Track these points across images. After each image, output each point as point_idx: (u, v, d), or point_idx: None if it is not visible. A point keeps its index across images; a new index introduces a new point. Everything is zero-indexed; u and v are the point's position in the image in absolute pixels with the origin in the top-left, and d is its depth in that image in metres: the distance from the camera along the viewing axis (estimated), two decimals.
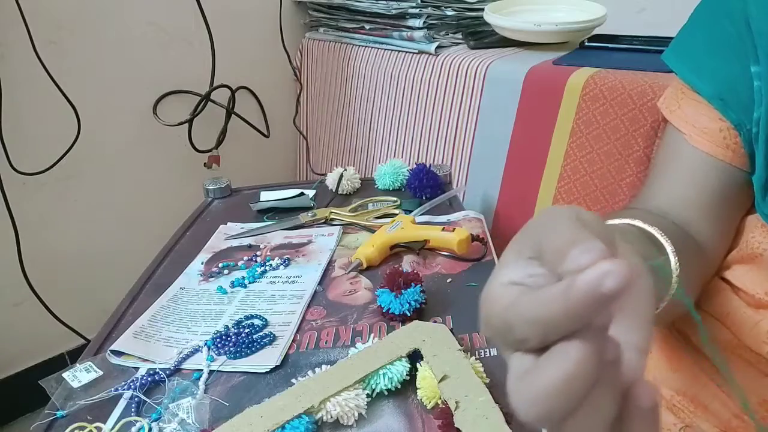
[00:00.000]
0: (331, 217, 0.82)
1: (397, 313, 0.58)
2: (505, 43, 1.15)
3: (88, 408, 0.51)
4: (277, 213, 0.85)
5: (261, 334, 0.58)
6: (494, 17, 1.11)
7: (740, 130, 0.46)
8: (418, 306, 0.58)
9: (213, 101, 1.33)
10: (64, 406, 0.51)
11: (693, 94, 0.49)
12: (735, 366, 0.52)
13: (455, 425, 0.44)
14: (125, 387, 0.52)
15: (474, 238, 0.70)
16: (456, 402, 0.44)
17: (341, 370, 0.50)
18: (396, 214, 0.77)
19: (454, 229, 0.69)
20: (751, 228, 0.51)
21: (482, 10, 1.17)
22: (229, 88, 1.36)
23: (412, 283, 0.58)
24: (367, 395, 0.49)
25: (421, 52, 1.19)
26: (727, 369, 0.34)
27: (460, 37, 1.21)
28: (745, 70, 0.45)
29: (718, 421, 0.51)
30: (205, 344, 0.57)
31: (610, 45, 1.07)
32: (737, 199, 0.50)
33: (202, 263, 0.73)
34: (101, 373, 0.54)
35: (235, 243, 0.78)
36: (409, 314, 0.58)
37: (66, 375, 0.53)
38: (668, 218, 0.51)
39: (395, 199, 0.85)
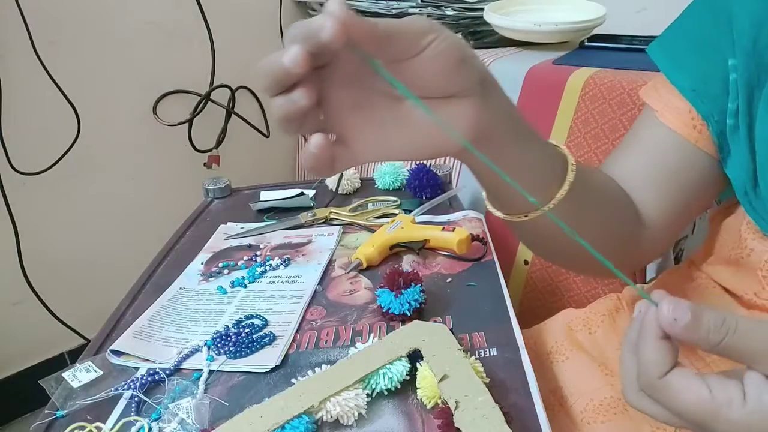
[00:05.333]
0: (331, 216, 0.82)
1: (397, 313, 0.58)
2: (505, 42, 1.15)
3: (88, 408, 0.51)
4: (277, 213, 0.85)
5: (261, 333, 0.58)
6: (494, 17, 1.11)
7: (709, 121, 0.48)
8: (418, 306, 0.58)
9: (213, 101, 1.33)
10: (64, 406, 0.51)
11: (671, 85, 0.51)
12: (728, 366, 0.52)
13: (455, 425, 0.44)
14: (125, 387, 0.52)
15: (474, 238, 0.70)
16: (456, 402, 0.44)
17: (341, 370, 0.50)
18: (396, 214, 0.77)
19: (454, 229, 0.69)
20: (736, 228, 0.52)
21: (482, 10, 1.17)
22: (229, 88, 1.36)
23: (412, 283, 0.58)
24: (367, 395, 0.49)
25: None
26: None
27: (460, 36, 1.21)
28: (721, 63, 0.47)
29: None
30: (205, 344, 0.57)
31: (610, 45, 1.07)
32: (693, 181, 0.51)
33: (202, 263, 0.73)
34: (101, 373, 0.54)
35: (235, 243, 0.78)
36: (409, 314, 0.58)
37: (66, 375, 0.53)
38: (616, 182, 0.53)
39: (395, 199, 0.85)
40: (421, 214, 0.80)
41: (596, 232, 0.49)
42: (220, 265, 0.72)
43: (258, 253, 0.74)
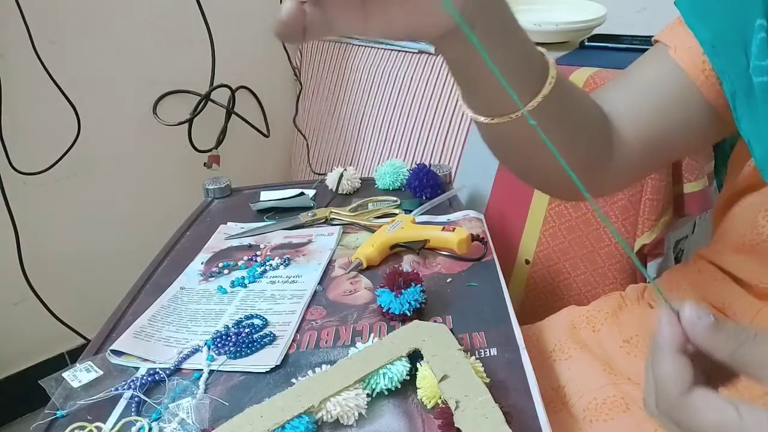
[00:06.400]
0: (331, 216, 0.82)
1: (397, 313, 0.58)
2: None
3: (88, 408, 0.51)
4: (277, 213, 0.85)
5: (261, 333, 0.58)
6: None
7: (723, 79, 0.47)
8: (418, 306, 0.58)
9: (213, 101, 1.33)
10: (64, 406, 0.51)
11: (689, 30, 0.50)
12: (761, 393, 0.51)
13: (455, 425, 0.44)
14: (125, 387, 0.52)
15: (474, 237, 0.70)
16: (456, 402, 0.44)
17: (341, 370, 0.50)
18: (396, 214, 0.77)
19: (454, 228, 0.69)
20: (751, 216, 0.52)
21: None
22: (229, 88, 1.36)
23: (412, 283, 0.58)
24: (367, 395, 0.49)
25: (421, 52, 1.19)
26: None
27: None
28: (747, 23, 0.46)
29: None
30: (205, 344, 0.57)
31: (610, 45, 1.07)
32: (681, 122, 0.51)
33: (202, 263, 0.73)
34: (101, 373, 0.54)
35: (235, 243, 0.78)
36: (409, 314, 0.58)
37: (66, 375, 0.53)
38: (595, 104, 0.51)
39: (395, 199, 0.85)
40: (421, 214, 0.80)
41: (562, 148, 0.49)
42: (220, 265, 0.72)
43: (258, 253, 0.74)
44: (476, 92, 0.45)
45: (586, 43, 1.10)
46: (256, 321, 0.60)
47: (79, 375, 0.53)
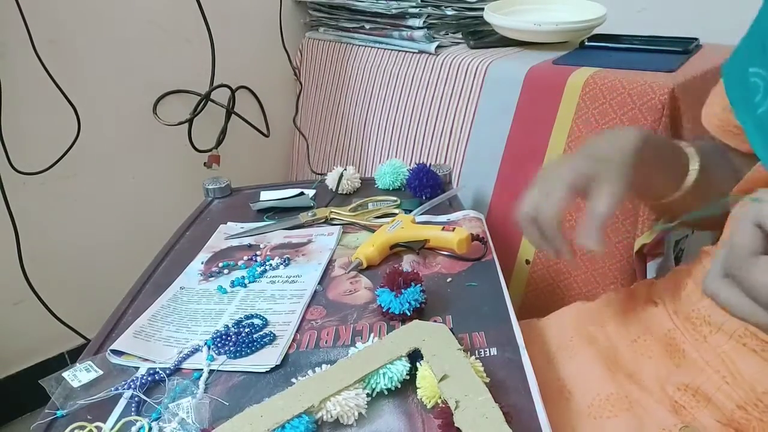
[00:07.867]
0: (331, 216, 0.82)
1: (397, 313, 0.58)
2: (505, 42, 1.15)
3: (88, 408, 0.51)
4: (277, 213, 0.85)
5: (261, 333, 0.58)
6: (494, 17, 1.11)
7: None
8: (418, 306, 0.58)
9: (213, 101, 1.33)
10: (64, 406, 0.51)
11: None
12: (741, 356, 0.52)
13: (455, 425, 0.44)
14: (125, 387, 0.52)
15: (474, 237, 0.70)
16: (456, 401, 0.44)
17: (341, 370, 0.50)
18: (396, 214, 0.77)
19: (454, 228, 0.69)
20: None
21: (482, 9, 1.17)
22: (229, 87, 1.36)
23: (412, 283, 0.58)
24: (367, 395, 0.49)
25: (421, 52, 1.19)
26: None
27: (460, 36, 1.21)
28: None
29: (721, 414, 0.51)
30: (205, 344, 0.57)
31: (610, 45, 1.07)
32: None
33: (202, 263, 0.73)
34: (101, 372, 0.54)
35: (235, 243, 0.78)
36: (409, 314, 0.58)
37: (66, 375, 0.53)
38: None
39: (395, 198, 0.85)
40: (421, 214, 0.80)
41: (725, 187, 0.58)
42: (220, 264, 0.72)
43: (258, 252, 0.74)
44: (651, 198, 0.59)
45: (586, 43, 1.10)
46: (256, 321, 0.60)
47: (79, 375, 0.53)
